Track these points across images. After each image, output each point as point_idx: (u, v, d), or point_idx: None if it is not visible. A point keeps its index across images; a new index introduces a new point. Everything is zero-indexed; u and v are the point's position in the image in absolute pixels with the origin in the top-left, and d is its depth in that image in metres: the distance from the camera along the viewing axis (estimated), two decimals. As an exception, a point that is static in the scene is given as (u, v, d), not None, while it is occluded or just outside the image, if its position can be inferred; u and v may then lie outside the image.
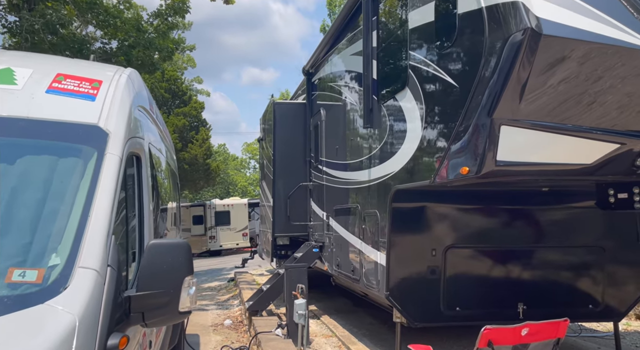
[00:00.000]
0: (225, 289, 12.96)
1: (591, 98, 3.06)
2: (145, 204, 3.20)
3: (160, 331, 3.64)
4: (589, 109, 3.11)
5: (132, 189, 3.07)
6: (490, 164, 3.28)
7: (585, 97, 3.07)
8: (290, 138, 9.29)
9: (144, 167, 3.23)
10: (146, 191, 3.24)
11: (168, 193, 5.45)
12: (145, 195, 3.21)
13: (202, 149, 24.69)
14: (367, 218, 5.82)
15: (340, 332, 6.90)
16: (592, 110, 3.12)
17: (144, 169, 3.24)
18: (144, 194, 3.20)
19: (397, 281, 5.10)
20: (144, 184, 3.20)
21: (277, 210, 9.25)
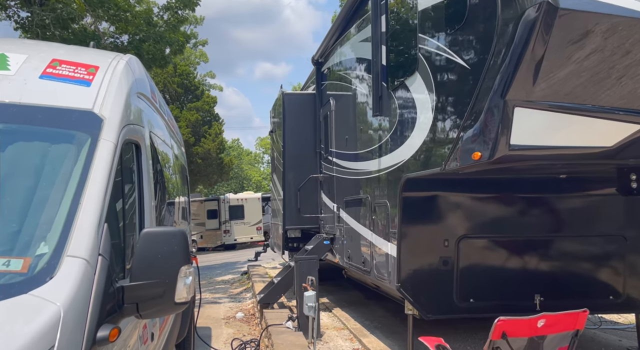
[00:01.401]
0: (239, 282, 12.97)
1: (616, 75, 2.86)
2: (146, 194, 3.12)
3: (165, 323, 3.57)
4: (611, 87, 2.91)
5: (130, 177, 2.99)
6: (503, 148, 3.12)
7: (608, 75, 2.88)
8: (300, 129, 9.18)
9: (143, 155, 3.14)
10: (146, 180, 3.16)
11: (175, 186, 5.38)
12: (145, 185, 3.12)
13: (215, 143, 24.72)
14: (378, 209, 5.69)
15: (351, 325, 6.79)
16: (614, 89, 2.92)
17: (144, 157, 3.15)
18: (144, 183, 3.12)
19: (408, 273, 4.97)
20: (144, 173, 3.11)
21: (287, 203, 9.16)
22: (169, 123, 5.29)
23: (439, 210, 5.05)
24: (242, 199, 26.67)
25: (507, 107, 3.02)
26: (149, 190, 3.23)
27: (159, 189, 3.97)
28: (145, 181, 3.13)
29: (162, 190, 4.29)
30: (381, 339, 5.93)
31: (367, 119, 6.10)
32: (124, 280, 2.13)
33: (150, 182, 3.31)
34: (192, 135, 23.92)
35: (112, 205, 2.41)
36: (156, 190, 3.78)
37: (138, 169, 3.08)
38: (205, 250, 25.35)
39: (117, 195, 2.53)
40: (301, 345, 5.47)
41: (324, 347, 5.97)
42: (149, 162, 3.30)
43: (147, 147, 3.29)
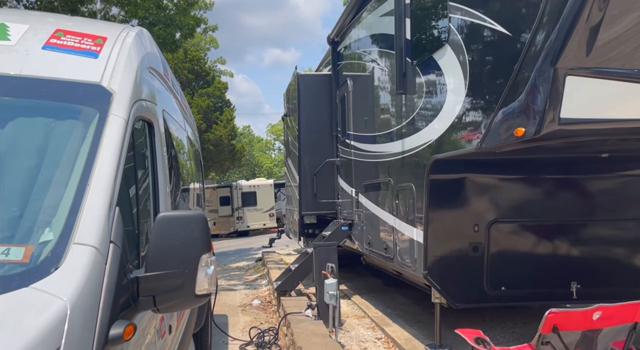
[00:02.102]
0: (253, 269, 12.84)
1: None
2: (160, 176, 2.88)
3: (183, 314, 3.37)
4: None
5: (143, 158, 2.75)
6: (552, 122, 2.81)
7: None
8: (316, 112, 8.89)
9: (157, 135, 2.90)
10: (161, 162, 2.92)
11: (190, 171, 5.17)
12: (159, 166, 2.89)
13: (226, 129, 24.52)
14: (401, 193, 5.41)
15: (373, 313, 6.58)
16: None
17: (158, 137, 2.91)
18: (158, 164, 2.88)
19: (435, 259, 4.71)
20: (157, 154, 2.88)
21: (303, 188, 8.92)
22: (182, 105, 5.05)
23: (469, 194, 4.77)
24: (255, 185, 26.59)
25: (558, 76, 2.71)
26: (164, 173, 3.00)
27: (173, 172, 3.74)
28: (159, 162, 2.90)
29: (177, 175, 4.07)
30: (405, 328, 5.71)
31: (389, 98, 5.79)
32: (139, 271, 1.90)
33: (165, 164, 3.08)
34: (204, 121, 23.74)
35: (124, 188, 2.17)
36: (171, 174, 3.55)
37: (151, 149, 2.85)
38: (219, 237, 25.39)
39: (130, 177, 2.30)
40: (322, 334, 5.27)
41: (345, 336, 5.77)
42: (162, 142, 3.07)
43: (160, 126, 3.05)
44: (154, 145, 2.86)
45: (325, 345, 4.83)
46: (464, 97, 3.91)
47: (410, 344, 5.08)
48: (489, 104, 3.54)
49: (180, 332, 3.32)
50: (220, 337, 6.40)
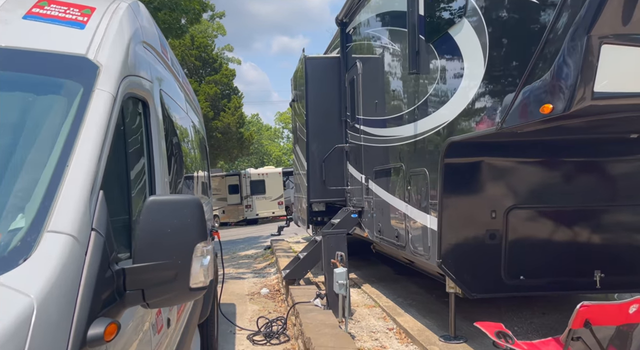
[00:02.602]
0: (262, 257, 12.73)
1: None
2: (157, 159, 2.68)
3: (185, 305, 3.19)
4: None
5: (136, 139, 2.55)
6: (584, 97, 2.55)
7: None
8: (324, 96, 8.63)
9: (152, 115, 2.69)
10: (157, 144, 2.71)
11: (193, 158, 4.97)
12: (155, 149, 2.68)
13: (234, 117, 24.30)
14: (414, 178, 5.17)
15: (384, 302, 6.39)
16: None
17: (153, 117, 2.70)
18: (154, 146, 2.67)
19: (450, 248, 4.49)
20: (153, 135, 2.67)
21: (311, 175, 8.71)
22: (184, 88, 4.83)
23: (486, 178, 4.51)
24: (263, 173, 26.51)
25: (592, 45, 2.44)
26: (161, 156, 2.80)
27: (173, 157, 3.54)
28: (155, 144, 2.68)
29: (178, 160, 3.87)
30: (417, 318, 5.51)
31: (401, 79, 5.51)
32: (126, 262, 1.70)
33: (162, 147, 2.87)
34: (211, 109, 23.54)
35: (112, 171, 1.97)
36: (170, 158, 3.35)
37: (146, 130, 2.63)
38: (228, 225, 25.40)
39: (119, 159, 2.09)
40: (331, 324, 5.09)
41: (355, 326, 5.59)
42: (159, 123, 2.86)
43: (157, 106, 2.84)
44: (149, 126, 2.65)
45: (335, 336, 4.65)
46: (482, 74, 3.64)
47: (423, 335, 4.88)
48: (511, 81, 3.27)
49: (182, 325, 3.15)
50: (227, 327, 6.27)
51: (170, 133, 3.36)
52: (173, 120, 3.60)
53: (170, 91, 3.67)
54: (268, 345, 5.58)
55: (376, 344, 4.94)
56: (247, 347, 5.54)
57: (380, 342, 4.98)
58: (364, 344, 4.95)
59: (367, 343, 4.97)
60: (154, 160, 2.67)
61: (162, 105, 3.09)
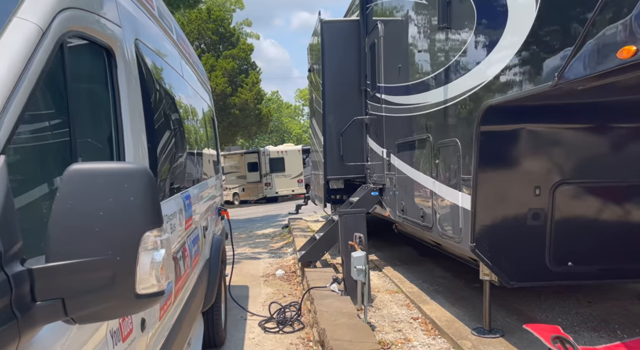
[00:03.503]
0: (279, 236, 12.32)
1: None
2: (126, 123, 2.15)
3: (170, 299, 2.70)
4: None
5: (92, 96, 2.02)
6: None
7: None
8: (342, 64, 7.96)
9: (121, 68, 2.15)
10: (128, 105, 2.19)
11: (194, 130, 4.45)
12: (124, 110, 2.15)
13: (252, 93, 23.73)
14: (442, 151, 4.54)
15: (407, 288, 5.85)
16: None
17: (123, 71, 2.16)
18: (123, 107, 2.15)
19: (486, 229, 3.88)
20: (121, 93, 2.14)
21: (328, 150, 8.13)
22: (181, 48, 4.26)
23: (529, 149, 3.86)
24: (282, 151, 26.06)
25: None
26: (133, 121, 2.26)
27: (160, 125, 3.01)
28: (124, 105, 2.15)
29: (171, 132, 3.34)
30: (445, 307, 4.96)
31: (429, 37, 4.82)
32: (36, 260, 1.18)
33: (136, 110, 2.33)
34: (229, 85, 23.03)
35: (38, 128, 1.45)
36: (153, 126, 2.82)
37: (112, 86, 2.10)
38: (247, 203, 25.22)
39: (53, 116, 1.56)
40: (349, 313, 4.59)
41: (375, 315, 5.08)
42: (132, 80, 2.31)
43: (128, 58, 2.29)
44: (115, 81, 2.11)
45: (353, 328, 4.15)
46: (532, 20, 2.96)
47: (452, 326, 4.34)
48: (571, 24, 2.59)
49: (170, 323, 2.67)
50: (238, 312, 5.86)
51: (155, 96, 2.82)
52: (160, 82, 3.06)
53: (157, 46, 3.11)
54: (281, 333, 5.14)
55: (399, 336, 4.42)
56: (258, 335, 5.11)
57: (404, 334, 4.46)
58: (386, 335, 4.44)
59: (388, 335, 4.46)
60: (122, 125, 2.13)
61: (140, 59, 2.54)
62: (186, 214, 3.29)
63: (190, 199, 3.51)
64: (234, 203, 25.78)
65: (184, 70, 4.02)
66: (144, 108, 2.46)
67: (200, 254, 3.98)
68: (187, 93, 4.00)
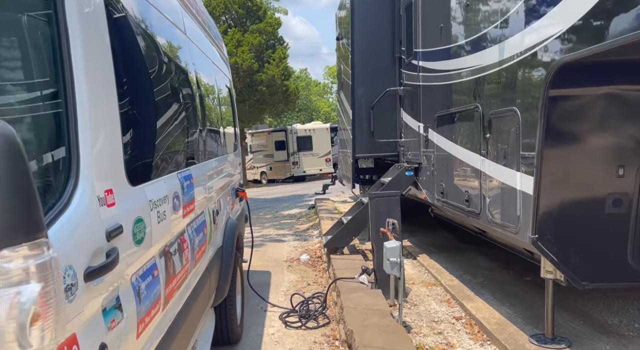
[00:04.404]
0: (305, 218, 11.78)
1: None
2: (80, 81, 1.57)
3: (156, 307, 2.14)
4: None
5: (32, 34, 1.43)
6: None
7: None
8: (373, 30, 7.17)
9: (73, 8, 1.56)
10: (82, 53, 1.60)
11: (207, 103, 3.85)
12: (78, 61, 1.57)
13: (279, 68, 22.99)
14: (496, 123, 3.79)
15: (446, 280, 5.18)
16: None
17: (77, 12, 1.57)
18: (74, 55, 1.56)
19: (552, 218, 3.16)
20: (71, 32, 1.55)
21: (357, 126, 7.42)
22: (187, 3, 3.62)
23: (612, 118, 3.08)
24: (310, 129, 25.51)
25: None
26: (98, 76, 1.68)
27: (152, 90, 2.41)
28: (76, 52, 1.56)
29: (171, 99, 2.74)
30: (493, 305, 4.27)
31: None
32: None
33: (102, 62, 1.75)
34: (256, 60, 22.37)
35: None
36: (139, 90, 2.23)
37: (56, 24, 1.53)
38: (275, 182, 24.91)
39: None
40: (380, 311, 3.98)
41: (411, 312, 4.45)
42: (93, 19, 1.72)
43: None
44: (60, 18, 1.53)
45: (385, 330, 3.54)
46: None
47: (505, 331, 3.66)
48: None
49: (157, 334, 2.12)
50: (258, 302, 5.34)
51: (134, 47, 2.21)
52: (147, 31, 2.44)
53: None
54: (303, 328, 4.58)
55: (440, 340, 3.78)
56: (278, 331, 4.58)
57: (446, 338, 3.81)
58: (424, 339, 3.81)
59: (427, 338, 3.83)
60: (72, 78, 1.54)
61: (123, 10, 1.96)
62: (185, 198, 2.71)
63: (192, 179, 2.92)
64: (262, 182, 25.47)
65: (186, 25, 3.39)
66: (118, 59, 1.86)
67: (209, 242, 3.42)
68: (191, 53, 3.38)
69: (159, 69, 2.58)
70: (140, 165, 2.11)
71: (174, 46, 2.93)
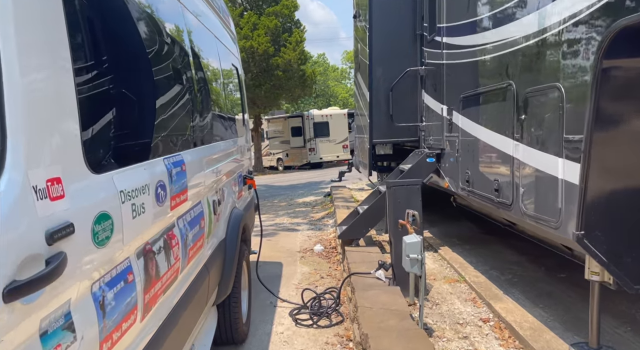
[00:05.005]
0: (321, 206, 11.42)
1: None
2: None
3: (132, 318, 1.79)
4: None
5: None
6: None
7: None
8: (393, 6, 6.69)
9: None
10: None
11: (205, 80, 3.47)
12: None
13: (295, 53, 22.46)
14: (533, 102, 3.32)
15: (471, 276, 4.75)
16: None
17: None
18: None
19: (601, 212, 2.70)
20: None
21: (375, 109, 6.97)
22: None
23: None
24: (327, 115, 25.04)
25: None
26: (34, 27, 1.30)
27: (123, 55, 2.03)
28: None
29: (154, 70, 2.36)
30: (526, 306, 3.83)
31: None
32: None
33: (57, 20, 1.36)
34: (272, 44, 21.89)
35: None
36: (105, 55, 1.85)
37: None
38: (291, 169, 24.61)
39: None
40: (399, 312, 3.60)
41: (433, 312, 4.05)
42: None
43: None
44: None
45: (405, 335, 3.15)
46: None
47: (541, 338, 3.23)
48: None
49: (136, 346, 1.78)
50: (267, 296, 5.02)
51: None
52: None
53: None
54: (314, 327, 4.24)
55: (466, 345, 3.38)
56: (287, 329, 4.25)
57: (472, 343, 3.41)
58: (448, 344, 3.42)
59: (452, 343, 3.43)
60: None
61: None
62: (174, 187, 2.34)
63: (183, 165, 2.56)
64: (278, 169, 25.19)
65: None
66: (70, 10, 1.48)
67: (207, 236, 3.07)
68: (184, 18, 2.98)
69: (141, 23, 2.18)
70: (108, 147, 1.75)
71: (160, 8, 2.53)
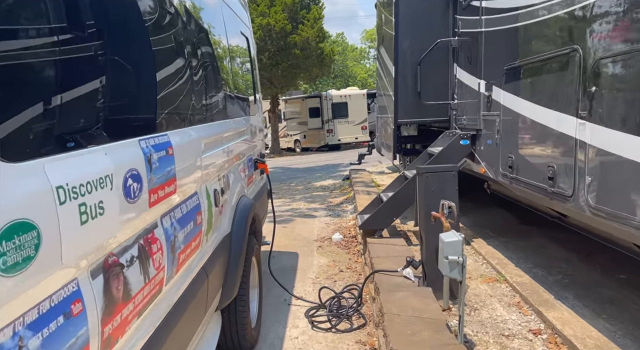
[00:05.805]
0: (339, 190, 10.86)
1: None
2: None
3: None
4: None
5: None
6: None
7: None
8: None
9: None
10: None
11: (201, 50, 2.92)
12: None
13: (314, 30, 21.65)
14: (609, 71, 2.66)
15: (512, 275, 4.16)
16: None
17: None
18: None
19: None
20: None
21: (401, 85, 6.32)
22: None
23: None
24: (346, 95, 24.32)
25: None
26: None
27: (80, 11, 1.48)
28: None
29: (130, 31, 1.81)
30: (586, 317, 3.23)
31: None
32: None
33: None
34: (289, 21, 21.12)
35: None
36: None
37: None
38: (309, 151, 24.09)
39: None
40: (433, 321, 3.05)
41: (472, 319, 3.49)
42: None
43: None
44: None
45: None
46: None
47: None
48: None
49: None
50: (281, 292, 4.53)
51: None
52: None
53: None
54: (333, 331, 3.74)
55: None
56: (303, 333, 3.76)
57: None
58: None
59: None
60: None
61: None
62: (155, 177, 1.81)
63: (170, 148, 2.02)
64: (296, 150, 24.67)
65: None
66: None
67: (206, 233, 2.55)
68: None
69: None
70: (39, 124, 1.21)
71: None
